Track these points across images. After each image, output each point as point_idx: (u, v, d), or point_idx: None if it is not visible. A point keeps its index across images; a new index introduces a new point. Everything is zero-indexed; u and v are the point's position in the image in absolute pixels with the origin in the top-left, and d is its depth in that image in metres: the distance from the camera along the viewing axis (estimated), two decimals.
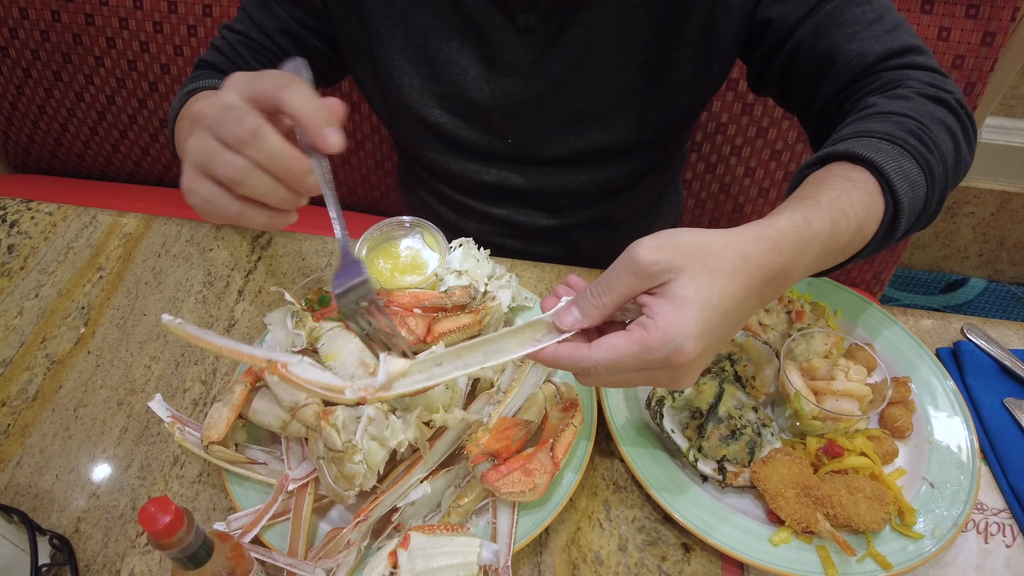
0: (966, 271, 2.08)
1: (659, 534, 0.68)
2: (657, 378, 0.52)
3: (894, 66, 0.71)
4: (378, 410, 0.61)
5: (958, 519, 0.66)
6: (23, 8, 1.22)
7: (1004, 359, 0.80)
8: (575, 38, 0.81)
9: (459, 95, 0.88)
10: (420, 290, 0.73)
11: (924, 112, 0.66)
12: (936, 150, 0.64)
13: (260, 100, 0.55)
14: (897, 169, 0.60)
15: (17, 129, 1.43)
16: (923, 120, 0.65)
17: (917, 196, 0.62)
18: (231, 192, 0.54)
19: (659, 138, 0.91)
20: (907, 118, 0.65)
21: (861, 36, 0.72)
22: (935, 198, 0.65)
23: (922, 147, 0.63)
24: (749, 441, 0.70)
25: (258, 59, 0.87)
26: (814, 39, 0.74)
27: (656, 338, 0.49)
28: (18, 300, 0.88)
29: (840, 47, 0.73)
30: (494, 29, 0.81)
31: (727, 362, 0.76)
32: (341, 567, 0.61)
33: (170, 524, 0.45)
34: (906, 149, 0.62)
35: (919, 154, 0.62)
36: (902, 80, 0.70)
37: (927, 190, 0.63)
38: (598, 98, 0.85)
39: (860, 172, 0.60)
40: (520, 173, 0.94)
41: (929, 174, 0.63)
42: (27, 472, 0.72)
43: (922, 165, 0.62)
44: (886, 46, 0.71)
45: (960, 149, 0.68)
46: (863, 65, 0.72)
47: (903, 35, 0.72)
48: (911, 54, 0.72)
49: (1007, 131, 1.82)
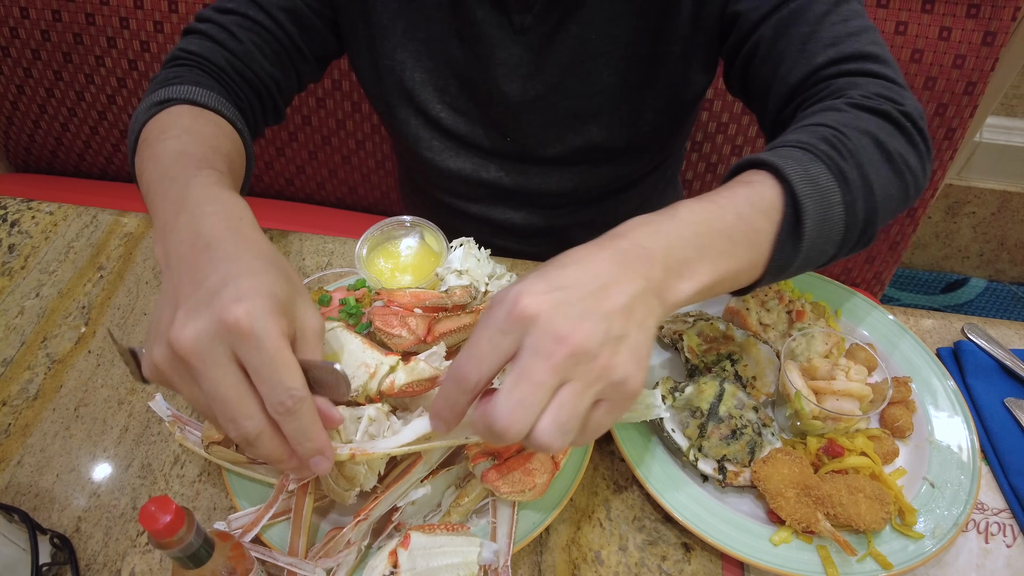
0: (967, 271, 2.08)
1: (659, 534, 0.68)
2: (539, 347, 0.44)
3: (844, 72, 0.68)
4: (378, 411, 0.61)
5: (958, 519, 0.66)
6: (24, 8, 1.22)
7: (1005, 359, 0.80)
8: (571, 36, 0.81)
9: (459, 91, 0.88)
10: (420, 290, 0.73)
11: (848, 123, 0.62)
12: (851, 156, 0.60)
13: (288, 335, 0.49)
14: (800, 170, 0.57)
15: (18, 128, 1.43)
16: (841, 129, 0.61)
17: (827, 201, 0.57)
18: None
19: (657, 134, 0.91)
20: (825, 127, 0.62)
21: (816, 37, 0.69)
22: (858, 206, 0.60)
23: (833, 152, 0.59)
24: (749, 441, 0.70)
25: (255, 40, 0.80)
26: (773, 37, 0.72)
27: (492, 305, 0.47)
28: (19, 299, 0.88)
29: (793, 47, 0.70)
30: (491, 27, 0.81)
31: (727, 362, 0.76)
32: (341, 566, 0.61)
33: (171, 523, 0.45)
34: (815, 154, 0.59)
35: (828, 158, 0.59)
36: (848, 89, 0.66)
37: (843, 196, 0.59)
38: (595, 95, 0.85)
39: (758, 175, 0.58)
40: (519, 172, 0.94)
41: (842, 178, 0.59)
42: (28, 471, 0.72)
43: (832, 169, 0.58)
44: (840, 50, 0.68)
45: (894, 161, 0.63)
46: (811, 67, 0.69)
47: (862, 41, 0.69)
48: (865, 61, 0.68)
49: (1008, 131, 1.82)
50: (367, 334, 0.67)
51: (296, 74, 0.86)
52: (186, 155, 0.61)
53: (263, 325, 0.46)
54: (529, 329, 0.45)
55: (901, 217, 1.22)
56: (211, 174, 0.59)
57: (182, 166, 0.59)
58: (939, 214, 1.96)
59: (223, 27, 0.79)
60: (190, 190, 0.56)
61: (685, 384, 0.73)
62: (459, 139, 0.92)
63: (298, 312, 0.50)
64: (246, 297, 0.46)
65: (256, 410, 0.47)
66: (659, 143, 0.94)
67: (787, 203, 0.57)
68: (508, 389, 0.44)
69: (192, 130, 0.66)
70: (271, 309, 0.47)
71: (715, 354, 0.77)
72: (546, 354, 0.44)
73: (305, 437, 0.49)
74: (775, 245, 0.56)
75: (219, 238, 0.51)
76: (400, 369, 0.62)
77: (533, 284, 0.46)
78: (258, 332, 0.46)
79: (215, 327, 0.46)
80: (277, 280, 0.49)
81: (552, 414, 0.45)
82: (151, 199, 0.61)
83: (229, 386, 0.46)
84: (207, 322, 0.46)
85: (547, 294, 0.46)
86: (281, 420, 0.48)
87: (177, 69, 0.75)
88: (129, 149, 0.70)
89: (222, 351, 0.46)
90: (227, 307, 0.46)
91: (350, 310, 0.70)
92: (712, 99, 1.19)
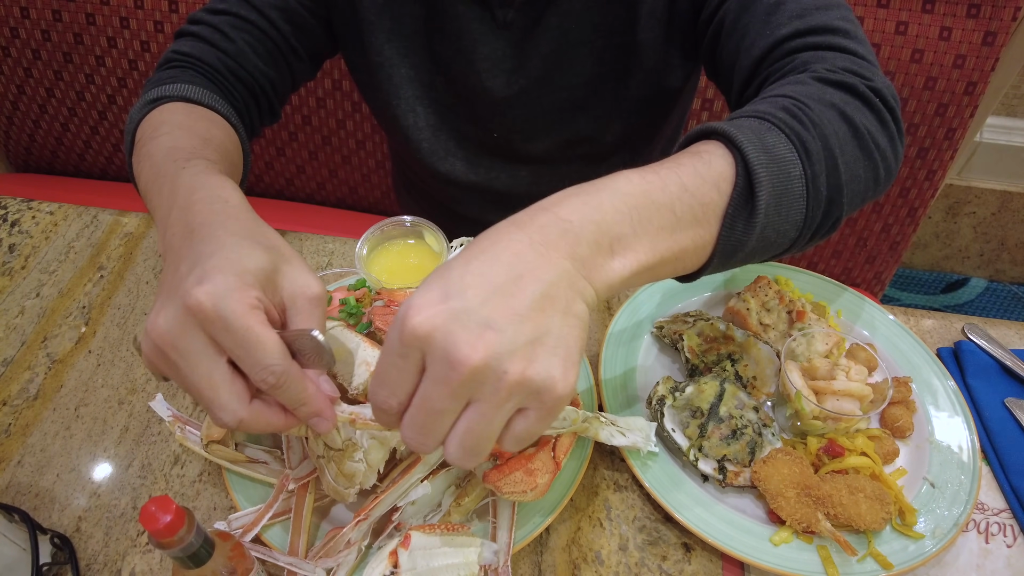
0: (967, 271, 2.08)
1: (660, 534, 0.68)
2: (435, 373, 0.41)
3: (809, 45, 0.64)
4: None
5: (959, 519, 0.66)
6: (24, 8, 1.22)
7: (1005, 359, 0.80)
8: (552, 28, 0.81)
9: (445, 88, 0.88)
10: None
11: (811, 94, 0.58)
12: (813, 127, 0.55)
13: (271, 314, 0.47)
14: (753, 138, 0.52)
15: (18, 128, 1.43)
16: (803, 99, 0.56)
17: (786, 173, 0.52)
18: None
19: (644, 126, 0.91)
20: (785, 98, 0.57)
21: (782, 9, 0.66)
22: (820, 180, 0.54)
23: (793, 121, 0.54)
24: (750, 441, 0.70)
25: (248, 40, 0.79)
26: (738, 10, 0.69)
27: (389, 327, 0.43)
28: (19, 299, 0.88)
29: (757, 20, 0.67)
30: (473, 23, 0.81)
31: (728, 362, 0.76)
32: (341, 566, 0.61)
33: (171, 523, 0.45)
34: (772, 123, 0.54)
35: (787, 127, 0.54)
36: (814, 63, 0.62)
37: (804, 168, 0.53)
38: (579, 86, 0.85)
39: (709, 144, 0.53)
40: (509, 173, 0.94)
41: (803, 149, 0.53)
42: (28, 471, 0.72)
43: (792, 139, 0.53)
44: (805, 22, 0.64)
45: (861, 136, 0.58)
46: (773, 39, 0.65)
47: (830, 15, 0.65)
48: (831, 34, 0.64)
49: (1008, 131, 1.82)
50: (367, 334, 0.67)
51: (290, 73, 0.86)
52: (176, 149, 0.61)
53: (226, 304, 0.44)
54: (425, 349, 0.41)
55: (901, 217, 1.22)
56: (199, 163, 0.58)
57: (172, 160, 0.59)
58: (939, 214, 1.96)
59: (215, 28, 0.78)
60: (179, 183, 0.55)
61: (685, 384, 0.72)
62: (446, 137, 0.92)
63: (284, 280, 0.49)
64: (208, 277, 0.45)
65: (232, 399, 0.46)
66: (647, 136, 0.94)
67: (739, 173, 0.51)
68: (409, 414, 0.43)
69: (184, 125, 0.66)
70: (236, 285, 0.45)
71: (715, 354, 0.77)
72: (441, 380, 0.40)
73: (299, 403, 0.48)
74: (723, 221, 0.51)
75: (201, 223, 0.50)
76: None
77: (427, 293, 0.41)
78: (222, 312, 0.44)
79: (182, 314, 0.45)
80: (250, 253, 0.47)
81: (456, 438, 0.42)
82: (148, 199, 0.61)
83: (202, 375, 0.46)
84: (174, 309, 0.45)
85: (441, 305, 0.40)
86: (270, 392, 0.47)
87: (171, 71, 0.75)
88: (125, 151, 0.70)
89: (196, 337, 0.45)
90: (189, 291, 0.44)
91: (350, 310, 0.70)
92: (713, 99, 1.19)
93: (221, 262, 0.46)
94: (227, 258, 0.46)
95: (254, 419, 0.48)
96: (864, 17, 1.04)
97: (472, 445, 0.42)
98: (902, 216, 1.22)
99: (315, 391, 0.49)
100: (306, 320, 0.49)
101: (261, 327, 0.45)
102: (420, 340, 0.40)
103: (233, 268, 0.46)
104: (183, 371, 0.46)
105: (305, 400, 0.48)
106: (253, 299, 0.46)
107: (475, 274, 0.42)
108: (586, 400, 0.72)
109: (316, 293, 0.49)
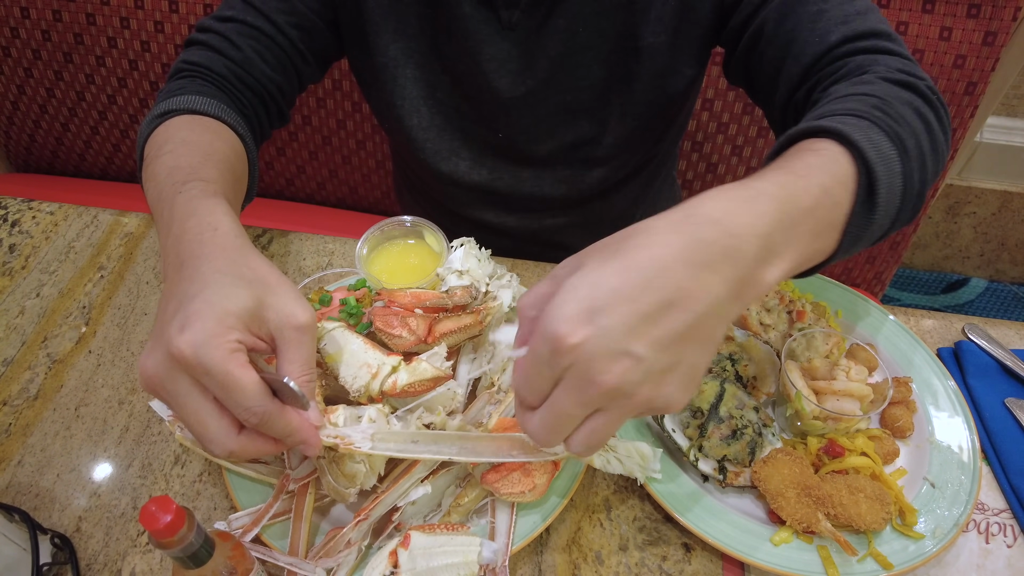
0: (967, 271, 2.08)
1: (660, 534, 0.68)
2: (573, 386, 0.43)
3: (859, 49, 0.66)
4: (379, 411, 0.61)
5: (959, 519, 0.66)
6: (24, 8, 1.23)
7: (1005, 359, 0.80)
8: (559, 30, 0.81)
9: (450, 88, 0.88)
10: (421, 290, 0.73)
11: (888, 93, 0.60)
12: (905, 123, 0.57)
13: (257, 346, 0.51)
14: (865, 137, 0.53)
15: (18, 128, 1.43)
16: (886, 98, 0.59)
17: (892, 170, 0.54)
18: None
19: (648, 129, 0.91)
20: (870, 96, 0.59)
21: (826, 16, 0.68)
22: (914, 177, 0.57)
23: (888, 119, 0.56)
24: (750, 441, 0.70)
25: (255, 47, 0.80)
26: (779, 18, 0.71)
27: (536, 334, 0.43)
28: (19, 299, 0.88)
29: (802, 26, 0.68)
30: (479, 23, 0.81)
31: (728, 362, 0.76)
32: (342, 566, 0.61)
33: (171, 523, 0.45)
34: (872, 121, 0.55)
35: (887, 125, 0.56)
36: (869, 65, 0.64)
37: (902, 165, 0.55)
38: (585, 89, 0.85)
39: (823, 143, 0.53)
40: (511, 174, 0.94)
41: (901, 146, 0.56)
42: (28, 471, 0.72)
43: (892, 137, 0.55)
44: (852, 28, 0.66)
45: (934, 133, 0.61)
46: (825, 46, 0.67)
47: (871, 20, 0.68)
48: (878, 38, 0.67)
49: (1008, 131, 1.82)
50: (368, 334, 0.67)
51: (298, 76, 0.86)
52: (176, 169, 0.62)
53: (206, 352, 0.47)
54: (567, 361, 0.42)
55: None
56: (195, 186, 0.60)
57: (171, 183, 0.61)
58: (940, 214, 1.96)
59: (223, 36, 0.79)
60: (175, 209, 0.57)
61: None
62: (451, 137, 0.92)
63: (270, 312, 0.51)
64: (189, 324, 0.48)
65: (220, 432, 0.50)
66: (651, 140, 0.94)
67: (860, 171, 0.52)
68: (540, 411, 0.45)
69: (187, 141, 0.67)
70: (215, 331, 0.48)
71: (716, 354, 0.78)
72: (577, 392, 0.43)
73: (284, 435, 0.52)
74: (849, 219, 0.52)
75: (189, 255, 0.53)
76: (402, 369, 0.62)
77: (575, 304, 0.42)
78: (202, 360, 0.47)
79: (167, 360, 0.48)
80: (233, 293, 0.50)
81: (582, 437, 0.46)
82: (154, 220, 0.63)
83: (190, 413, 0.49)
84: (160, 355, 0.49)
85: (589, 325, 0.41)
86: (256, 429, 0.51)
87: (181, 81, 0.77)
88: (138, 164, 0.72)
89: (182, 381, 0.49)
90: (172, 339, 0.48)
91: (350, 310, 0.70)
92: (713, 99, 1.19)
93: (202, 306, 0.49)
94: (208, 301, 0.49)
95: (243, 449, 0.51)
96: None
97: (595, 444, 0.46)
98: None
99: (299, 422, 0.53)
100: (298, 347, 0.52)
101: (240, 371, 0.48)
102: (567, 356, 0.42)
103: (214, 313, 0.49)
104: (174, 408, 0.50)
105: (290, 432, 0.52)
106: (233, 343, 0.49)
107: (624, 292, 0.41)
108: None
109: (302, 322, 0.52)
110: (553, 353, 0.42)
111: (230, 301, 0.50)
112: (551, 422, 0.45)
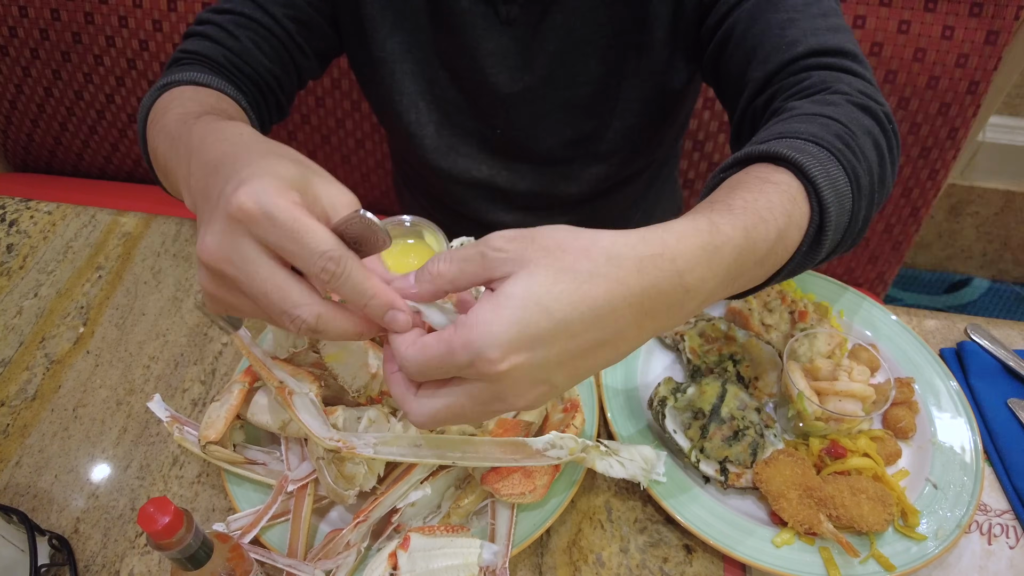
0: (970, 271, 2.08)
1: (661, 535, 0.68)
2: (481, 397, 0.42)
3: (824, 65, 0.65)
4: (379, 412, 0.61)
5: (961, 520, 0.66)
6: (23, 7, 1.22)
7: (1008, 360, 0.80)
8: (557, 26, 0.81)
9: (448, 83, 0.88)
10: None
11: (851, 119, 0.59)
12: (863, 158, 0.57)
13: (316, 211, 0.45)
14: (823, 173, 0.52)
15: (16, 128, 1.42)
16: (849, 126, 0.58)
17: (843, 208, 0.54)
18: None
19: (646, 127, 0.91)
20: (833, 121, 0.58)
21: (797, 24, 0.67)
22: (861, 214, 0.57)
23: (849, 153, 0.55)
24: (752, 442, 0.69)
25: (253, 38, 0.79)
26: (749, 21, 0.70)
27: (460, 337, 0.40)
28: (17, 299, 0.88)
29: (771, 32, 0.68)
30: (477, 18, 0.81)
31: (729, 363, 0.76)
32: (341, 568, 0.60)
33: (169, 525, 0.45)
34: (832, 153, 0.54)
35: (846, 160, 0.55)
36: (833, 83, 0.63)
37: (853, 203, 0.55)
38: (583, 85, 0.85)
39: (782, 174, 0.53)
40: (511, 171, 0.94)
41: (856, 184, 0.55)
42: (26, 472, 0.72)
43: (848, 173, 0.55)
44: (821, 41, 0.65)
45: (884, 165, 0.61)
46: (791, 55, 0.66)
47: (841, 38, 0.67)
48: (845, 58, 0.66)
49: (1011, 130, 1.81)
50: None
51: (296, 70, 0.86)
52: (187, 114, 0.62)
53: (268, 199, 0.42)
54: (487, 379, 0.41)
55: (904, 217, 1.22)
56: (211, 117, 0.59)
57: (183, 122, 0.59)
58: (942, 214, 1.95)
59: (220, 27, 0.80)
60: (192, 135, 0.55)
61: (687, 385, 0.72)
62: (450, 133, 0.91)
63: (319, 190, 0.46)
64: (245, 182, 0.43)
65: (304, 295, 0.44)
66: (651, 137, 0.94)
67: (814, 211, 0.52)
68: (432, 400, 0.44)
69: (195, 99, 0.68)
70: (275, 186, 0.43)
71: (717, 355, 0.77)
72: (483, 403, 0.43)
73: (366, 295, 0.44)
74: (792, 256, 0.52)
75: (223, 155, 0.49)
76: None
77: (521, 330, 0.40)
78: (267, 208, 0.42)
79: (228, 224, 0.43)
80: (280, 163, 0.46)
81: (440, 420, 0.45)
82: (168, 167, 0.60)
83: (265, 279, 0.43)
84: (219, 223, 0.44)
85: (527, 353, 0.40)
86: (332, 287, 0.43)
87: (180, 67, 0.77)
88: (139, 136, 0.71)
89: (246, 246, 0.43)
90: (230, 199, 0.43)
91: None
92: (714, 98, 1.18)
93: (255, 169, 0.44)
94: (261, 166, 0.45)
95: (332, 316, 0.44)
96: (866, 16, 1.04)
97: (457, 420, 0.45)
98: (905, 216, 1.22)
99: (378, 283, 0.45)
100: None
101: (308, 217, 0.43)
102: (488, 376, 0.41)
103: (269, 173, 0.44)
104: (244, 283, 0.44)
105: (373, 292, 0.44)
106: (295, 196, 0.44)
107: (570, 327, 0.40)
108: (587, 401, 0.72)
109: (352, 200, 0.47)
110: (473, 367, 0.40)
111: (284, 170, 0.45)
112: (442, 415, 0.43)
